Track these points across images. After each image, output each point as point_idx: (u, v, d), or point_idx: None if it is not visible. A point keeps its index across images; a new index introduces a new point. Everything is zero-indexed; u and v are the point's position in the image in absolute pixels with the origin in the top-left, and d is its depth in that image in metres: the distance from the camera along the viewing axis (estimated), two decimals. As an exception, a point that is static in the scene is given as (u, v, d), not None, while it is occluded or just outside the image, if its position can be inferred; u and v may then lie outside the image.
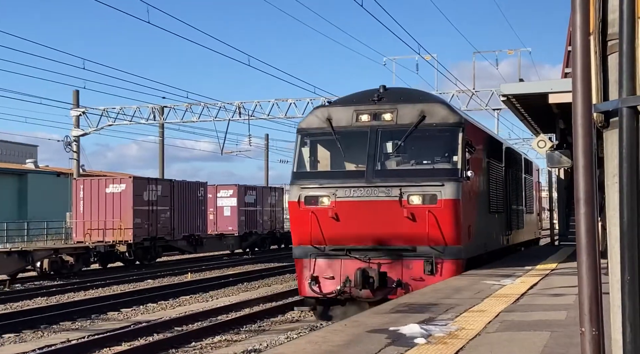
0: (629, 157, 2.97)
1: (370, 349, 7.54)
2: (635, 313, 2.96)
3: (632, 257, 2.97)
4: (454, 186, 15.64)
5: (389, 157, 16.66)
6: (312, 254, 16.27)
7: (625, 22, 2.97)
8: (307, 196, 16.33)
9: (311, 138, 17.29)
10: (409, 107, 16.40)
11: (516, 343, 7.86)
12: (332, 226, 15.97)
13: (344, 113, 16.77)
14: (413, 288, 15.04)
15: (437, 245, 15.54)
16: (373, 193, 15.71)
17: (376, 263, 15.74)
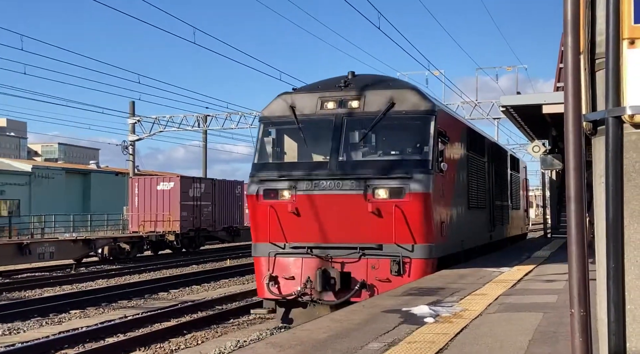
0: (614, 161, 2.97)
1: (385, 327, 7.53)
2: (619, 296, 2.95)
3: (616, 248, 2.96)
4: (423, 178, 12.57)
5: (355, 148, 13.42)
6: (271, 252, 13.21)
7: (611, 43, 2.97)
8: (266, 190, 13.22)
9: (274, 127, 14.10)
10: (377, 94, 13.32)
11: (513, 323, 7.82)
12: (293, 222, 12.99)
13: (309, 100, 13.64)
14: (379, 290, 12.32)
15: (405, 243, 12.53)
16: (336, 186, 12.72)
17: (340, 262, 12.80)
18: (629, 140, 2.97)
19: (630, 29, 2.93)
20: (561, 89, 28.12)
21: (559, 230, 32.89)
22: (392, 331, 7.24)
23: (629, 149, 2.96)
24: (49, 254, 28.15)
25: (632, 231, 2.95)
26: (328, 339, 6.82)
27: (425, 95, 13.74)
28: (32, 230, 47.52)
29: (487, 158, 19.88)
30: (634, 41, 2.93)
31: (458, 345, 6.56)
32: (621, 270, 2.93)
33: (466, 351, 6.32)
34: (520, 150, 54.16)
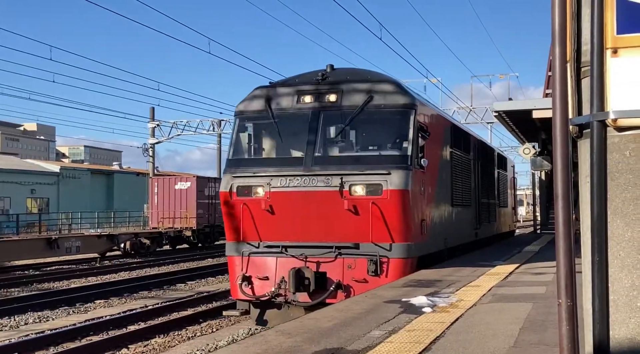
0: (598, 161, 2.96)
1: (386, 316, 7.53)
2: (603, 287, 2.94)
3: (600, 243, 2.96)
4: (402, 175, 11.20)
5: (332, 143, 12.13)
6: (244, 251, 11.91)
7: (595, 53, 2.96)
8: (240, 186, 11.87)
9: (249, 122, 12.65)
10: (355, 87, 11.98)
11: (505, 312, 7.80)
12: (267, 220, 11.68)
13: (285, 94, 12.28)
14: (355, 291, 11.00)
15: (383, 242, 11.27)
16: (311, 183, 11.39)
17: (315, 262, 11.47)
18: (612, 143, 2.96)
19: (613, 39, 2.93)
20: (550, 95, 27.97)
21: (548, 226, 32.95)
22: (393, 320, 7.24)
23: (612, 151, 2.95)
24: (76, 248, 28.23)
25: (615, 227, 2.94)
26: (333, 328, 6.82)
27: (405, 88, 12.32)
28: (60, 226, 47.65)
29: (473, 156, 18.45)
30: (617, 50, 2.92)
31: (454, 333, 6.55)
32: (605, 263, 2.92)
33: (462, 338, 6.31)
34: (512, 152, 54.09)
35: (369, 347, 5.91)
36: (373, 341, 6.17)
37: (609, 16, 2.93)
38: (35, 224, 46.12)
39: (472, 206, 17.92)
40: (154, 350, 11.36)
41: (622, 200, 2.93)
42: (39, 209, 56.99)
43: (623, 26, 2.89)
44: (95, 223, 51.70)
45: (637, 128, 2.92)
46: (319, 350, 5.80)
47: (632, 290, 2.89)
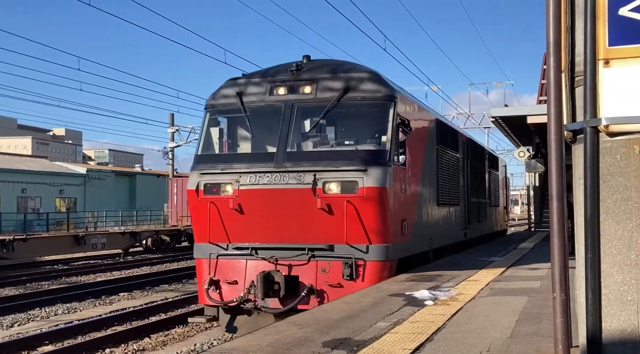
0: (591, 165, 2.96)
1: (392, 308, 7.52)
2: (595, 282, 2.94)
3: (593, 240, 2.95)
4: (379, 171, 9.75)
5: (306, 137, 10.56)
6: (212, 253, 10.43)
7: (588, 64, 2.96)
8: (207, 184, 10.40)
9: (220, 116, 11.19)
10: (332, 78, 10.48)
11: (502, 305, 7.78)
12: (236, 220, 10.21)
13: (258, 86, 10.81)
14: (329, 297, 9.65)
15: (359, 243, 9.79)
16: (282, 180, 9.93)
17: (287, 264, 10.03)
18: (604, 147, 2.96)
19: (605, 51, 2.93)
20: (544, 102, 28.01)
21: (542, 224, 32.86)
22: (397, 312, 7.23)
23: (604, 155, 2.95)
24: (101, 244, 28.35)
25: (606, 226, 2.94)
26: (341, 319, 6.82)
27: (384, 80, 10.75)
28: (86, 224, 47.83)
29: (462, 154, 16.80)
30: (609, 61, 2.92)
31: (455, 324, 6.54)
32: (597, 259, 2.92)
33: (462, 329, 6.30)
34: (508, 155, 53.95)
35: (375, 337, 5.91)
36: (379, 331, 6.17)
37: (600, 29, 2.92)
38: (64, 222, 46.33)
39: (461, 205, 16.43)
40: (173, 339, 11.39)
41: (613, 201, 2.93)
42: (67, 208, 57.24)
43: (614, 38, 2.89)
44: (118, 221, 51.87)
45: (627, 134, 2.91)
46: (329, 340, 5.80)
47: (623, 285, 2.88)
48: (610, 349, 2.87)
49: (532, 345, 5.57)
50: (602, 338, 2.88)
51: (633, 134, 2.90)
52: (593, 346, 2.90)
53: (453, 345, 5.59)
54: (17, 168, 53.47)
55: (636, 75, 2.85)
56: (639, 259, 2.85)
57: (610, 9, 2.89)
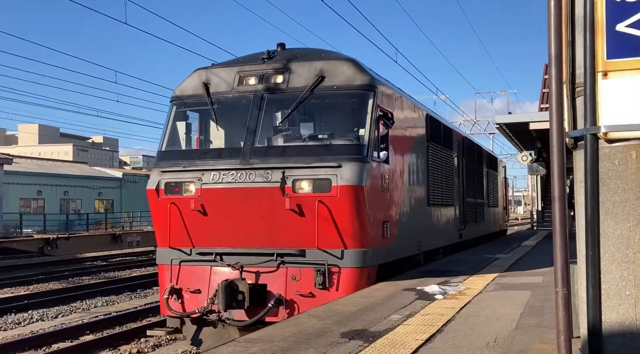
0: (591, 169, 2.96)
1: (404, 302, 7.50)
2: (596, 278, 2.93)
3: (593, 239, 2.95)
4: (355, 168, 8.11)
5: (276, 131, 8.92)
6: (174, 259, 8.84)
7: (588, 76, 2.96)
8: (168, 183, 8.79)
9: (187, 108, 9.56)
10: (305, 66, 8.84)
11: (507, 299, 7.74)
12: (199, 223, 8.64)
13: (226, 76, 9.17)
14: (300, 308, 8.09)
15: (333, 248, 8.20)
16: (248, 178, 8.33)
17: (254, 271, 8.43)
18: (603, 153, 2.95)
19: (603, 64, 2.93)
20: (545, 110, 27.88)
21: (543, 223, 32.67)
22: (409, 306, 7.21)
23: (603, 160, 2.94)
24: (136, 242, 28.61)
25: (606, 226, 2.93)
26: (357, 312, 6.82)
27: (363, 67, 9.03)
28: (122, 224, 48.28)
29: (457, 153, 14.98)
30: (607, 73, 2.92)
31: (463, 317, 6.52)
32: (598, 257, 2.91)
33: (469, 322, 6.28)
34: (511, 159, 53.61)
35: (389, 329, 5.91)
36: (392, 323, 6.17)
37: (599, 43, 2.92)
38: (102, 222, 46.77)
39: (456, 205, 14.57)
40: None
41: (612, 203, 2.92)
42: (105, 209, 57.79)
43: (612, 52, 2.89)
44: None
45: (625, 141, 2.91)
46: (346, 331, 5.82)
47: (621, 281, 2.87)
48: (610, 339, 2.86)
49: (535, 336, 5.55)
50: (602, 329, 2.87)
51: (630, 141, 2.89)
52: (594, 337, 2.89)
53: (462, 336, 5.58)
54: (60, 173, 54.13)
55: (633, 86, 2.85)
56: (636, 256, 2.84)
57: (608, 25, 2.89)
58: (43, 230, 36.32)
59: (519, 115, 25.55)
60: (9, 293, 16.24)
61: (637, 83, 2.84)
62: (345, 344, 5.29)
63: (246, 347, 5.29)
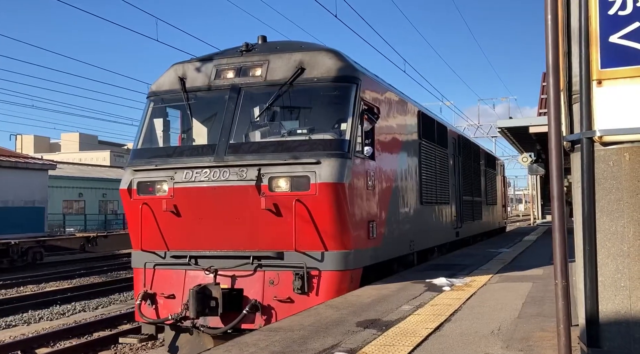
0: (587, 170, 2.94)
1: (414, 293, 7.48)
2: (593, 271, 2.91)
3: (590, 235, 2.93)
4: (335, 164, 7.07)
5: (254, 126, 7.87)
6: (147, 263, 7.86)
7: (583, 84, 2.95)
8: (141, 182, 7.81)
9: (163, 104, 8.48)
10: (284, 58, 7.79)
11: (510, 290, 7.69)
12: (172, 224, 7.67)
13: (203, 69, 8.20)
14: (278, 315, 7.13)
15: (312, 250, 7.17)
16: (222, 176, 7.32)
17: (230, 275, 7.45)
18: (598, 155, 2.94)
19: (598, 73, 2.91)
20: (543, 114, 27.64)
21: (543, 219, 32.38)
22: (419, 297, 7.19)
23: (598, 161, 2.93)
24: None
25: (602, 223, 2.91)
26: (371, 303, 6.81)
27: (345, 59, 7.96)
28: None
29: (453, 151, 13.87)
30: (601, 81, 2.90)
31: (469, 307, 6.49)
32: (594, 251, 2.89)
33: (475, 311, 6.25)
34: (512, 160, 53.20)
35: (401, 318, 5.89)
36: (404, 313, 6.15)
37: (594, 54, 2.91)
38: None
39: (452, 204, 13.43)
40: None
41: (607, 201, 2.90)
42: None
43: (606, 62, 2.88)
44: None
45: (618, 143, 2.89)
46: (361, 321, 5.81)
47: (617, 273, 2.85)
48: (607, 328, 2.84)
49: (537, 324, 5.51)
50: (600, 318, 2.85)
51: (623, 144, 2.87)
52: (592, 326, 2.87)
53: (468, 325, 5.56)
54: (99, 176, 54.74)
55: (625, 93, 2.83)
56: (630, 251, 2.82)
57: (602, 36, 2.87)
58: (84, 229, 36.77)
59: (519, 120, 25.37)
60: (55, 286, 16.47)
61: (629, 90, 2.82)
62: (360, 333, 5.29)
63: (269, 335, 5.31)
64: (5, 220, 23.62)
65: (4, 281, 17.42)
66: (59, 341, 9.95)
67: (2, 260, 21.24)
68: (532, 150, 28.39)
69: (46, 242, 23.93)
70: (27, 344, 9.60)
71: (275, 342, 5.04)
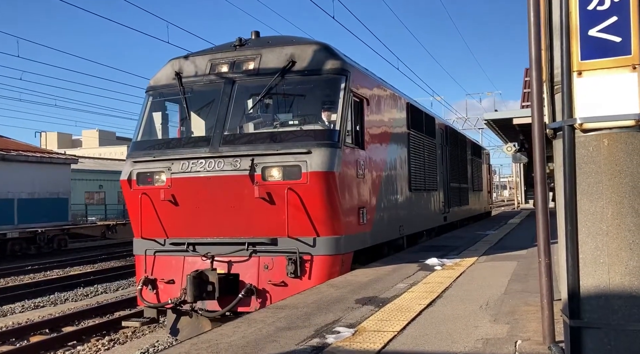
0: (569, 155, 2.91)
1: (408, 272, 7.49)
2: (574, 249, 2.88)
3: (571, 216, 2.90)
4: (325, 153, 6.92)
5: (248, 118, 7.66)
6: (148, 249, 7.77)
7: (564, 75, 2.91)
8: (140, 173, 7.68)
9: (161, 98, 8.28)
10: (276, 51, 7.62)
11: (496, 268, 7.69)
12: (171, 212, 7.55)
13: (199, 64, 7.99)
14: (273, 298, 7.03)
15: (304, 236, 7.06)
16: (217, 166, 7.20)
17: (226, 261, 7.34)
18: (579, 141, 2.90)
19: (578, 64, 2.87)
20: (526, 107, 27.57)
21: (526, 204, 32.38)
22: (413, 276, 7.19)
23: (579, 147, 2.89)
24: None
25: (582, 204, 2.88)
26: (369, 282, 6.82)
27: (335, 52, 7.77)
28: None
29: (440, 141, 13.65)
30: (581, 73, 2.86)
31: (459, 285, 6.49)
32: (575, 230, 2.86)
33: (465, 288, 6.24)
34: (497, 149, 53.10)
35: (396, 295, 5.89)
36: (399, 291, 6.15)
37: (574, 47, 2.86)
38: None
39: (440, 190, 13.32)
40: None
41: (587, 184, 2.87)
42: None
43: (585, 54, 2.83)
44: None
45: (597, 130, 2.85)
46: (360, 298, 5.81)
47: (596, 251, 2.82)
48: (587, 301, 2.82)
49: (521, 300, 5.50)
50: (580, 292, 2.83)
51: (602, 130, 2.83)
52: (573, 299, 2.85)
53: (458, 301, 5.55)
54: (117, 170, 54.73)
55: (603, 83, 2.79)
56: (609, 230, 2.79)
57: (582, 30, 2.83)
58: (104, 218, 36.82)
59: (504, 112, 25.31)
60: (78, 270, 16.51)
61: (607, 80, 2.78)
62: (359, 309, 5.28)
63: (275, 312, 5.30)
64: (32, 211, 23.65)
65: (32, 266, 17.47)
66: (83, 320, 9.98)
67: (30, 247, 21.29)
68: (515, 140, 28.36)
69: (70, 230, 23.96)
70: (54, 323, 9.63)
71: (281, 318, 5.04)
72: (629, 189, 2.74)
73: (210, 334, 4.63)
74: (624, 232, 2.73)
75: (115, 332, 9.12)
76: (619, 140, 2.77)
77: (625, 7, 2.73)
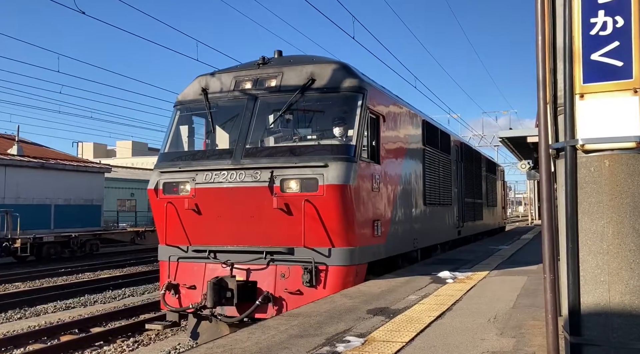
0: (571, 175, 2.88)
1: (420, 285, 7.42)
2: (575, 266, 2.85)
3: (572, 234, 2.86)
4: (341, 167, 6.96)
5: (269, 133, 7.87)
6: (172, 256, 7.87)
7: (567, 97, 2.89)
8: (166, 183, 7.80)
9: (188, 112, 8.43)
10: (296, 70, 7.72)
11: (507, 283, 7.57)
12: (194, 221, 7.66)
13: (224, 81, 8.13)
14: (288, 305, 7.06)
15: (320, 246, 7.07)
16: (238, 178, 7.27)
17: (245, 269, 7.42)
18: (581, 162, 2.88)
19: (580, 87, 2.85)
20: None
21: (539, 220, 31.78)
22: (424, 288, 7.12)
23: (580, 167, 2.86)
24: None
25: (583, 223, 2.85)
26: (381, 293, 6.77)
27: (353, 70, 7.84)
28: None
29: (455, 157, 13.61)
30: (583, 95, 2.84)
31: (469, 298, 6.40)
32: (576, 249, 2.83)
33: (475, 301, 6.16)
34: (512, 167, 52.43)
35: (407, 307, 5.84)
36: (410, 302, 6.10)
37: (577, 70, 2.85)
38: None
39: (454, 205, 13.15)
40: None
41: (588, 204, 2.83)
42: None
43: (587, 77, 2.82)
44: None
45: (599, 151, 2.82)
46: (372, 308, 5.78)
47: (597, 269, 2.78)
48: (587, 318, 2.77)
49: (529, 314, 5.41)
50: (581, 309, 2.78)
51: (603, 151, 2.80)
52: (574, 316, 2.80)
53: (467, 313, 5.48)
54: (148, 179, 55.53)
55: (605, 105, 2.77)
56: (609, 248, 2.75)
57: (584, 54, 2.82)
58: (134, 225, 37.36)
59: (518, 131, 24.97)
60: (108, 274, 16.76)
61: (608, 103, 2.76)
62: (370, 319, 5.25)
63: (289, 320, 5.31)
64: (67, 216, 24.15)
65: (65, 268, 17.80)
66: (110, 322, 10.11)
67: (64, 251, 21.70)
68: (530, 157, 27.94)
69: (102, 235, 24.37)
70: (83, 324, 9.77)
71: (294, 326, 5.04)
72: (629, 209, 2.70)
73: (226, 339, 4.66)
74: (625, 252, 2.69)
75: (140, 334, 9.21)
76: (619, 162, 2.74)
77: (627, 33, 2.72)
